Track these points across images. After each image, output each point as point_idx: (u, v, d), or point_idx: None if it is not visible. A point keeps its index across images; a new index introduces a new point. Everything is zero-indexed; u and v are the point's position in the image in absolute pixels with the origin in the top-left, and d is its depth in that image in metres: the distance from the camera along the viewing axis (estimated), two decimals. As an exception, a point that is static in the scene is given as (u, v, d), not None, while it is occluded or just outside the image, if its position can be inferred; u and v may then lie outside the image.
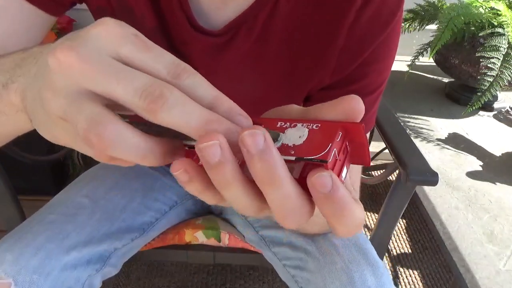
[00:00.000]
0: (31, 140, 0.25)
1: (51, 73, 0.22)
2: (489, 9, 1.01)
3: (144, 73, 0.21)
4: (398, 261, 1.40)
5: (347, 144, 0.23)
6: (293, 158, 0.21)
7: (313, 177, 0.20)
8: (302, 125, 0.23)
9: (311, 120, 0.23)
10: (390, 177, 0.98)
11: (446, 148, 0.97)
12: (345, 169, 0.23)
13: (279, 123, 0.24)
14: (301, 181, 0.22)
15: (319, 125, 0.23)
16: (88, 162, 1.33)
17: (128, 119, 0.22)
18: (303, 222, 0.22)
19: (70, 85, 0.21)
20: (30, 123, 0.27)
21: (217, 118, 0.21)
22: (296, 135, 0.23)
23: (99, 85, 0.21)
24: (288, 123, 0.24)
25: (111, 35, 0.22)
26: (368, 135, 0.58)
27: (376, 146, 1.55)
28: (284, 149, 0.22)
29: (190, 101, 0.21)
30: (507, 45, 0.95)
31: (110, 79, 0.21)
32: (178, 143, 0.23)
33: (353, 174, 0.57)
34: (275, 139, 0.22)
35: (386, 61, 0.52)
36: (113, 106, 0.22)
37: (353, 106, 0.23)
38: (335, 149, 0.21)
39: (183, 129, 0.21)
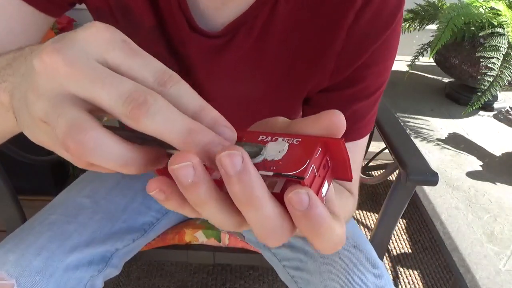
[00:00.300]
0: (31, 140, 0.25)
1: (36, 75, 0.21)
2: (489, 9, 1.01)
3: (129, 79, 0.21)
4: (398, 261, 1.40)
5: (328, 159, 0.23)
6: (271, 173, 0.21)
7: (289, 194, 0.20)
8: (283, 140, 0.23)
9: (292, 134, 0.23)
10: (390, 177, 0.98)
11: (446, 148, 0.97)
12: (326, 185, 0.23)
13: (261, 136, 0.24)
14: (283, 196, 0.21)
15: (300, 140, 0.23)
16: (88, 162, 1.33)
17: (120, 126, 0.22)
18: (285, 240, 0.22)
19: (54, 88, 0.21)
20: (14, 124, 0.27)
21: (200, 128, 0.21)
22: (276, 149, 0.22)
23: (83, 89, 0.21)
24: (269, 137, 0.24)
25: (99, 39, 0.22)
26: (367, 137, 0.58)
27: (376, 146, 1.55)
28: (263, 164, 0.22)
29: (173, 110, 0.21)
30: (507, 45, 0.95)
31: (95, 83, 0.21)
32: (161, 152, 0.23)
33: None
34: (257, 153, 0.22)
35: (386, 63, 0.52)
36: (97, 112, 0.21)
37: (334, 122, 0.22)
38: (313, 165, 0.21)
39: (165, 137, 0.20)
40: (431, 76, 1.35)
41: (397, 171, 0.76)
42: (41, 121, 0.22)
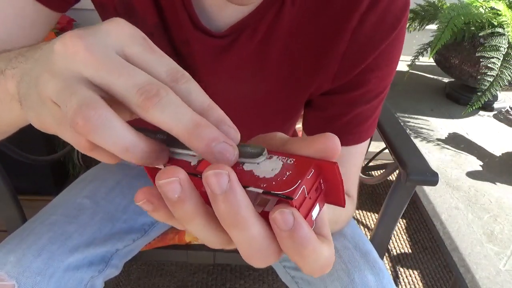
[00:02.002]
0: (31, 140, 0.25)
1: (55, 56, 0.22)
2: (489, 9, 1.01)
3: (144, 73, 0.22)
4: (398, 261, 1.40)
5: (321, 182, 0.23)
6: (260, 191, 0.21)
7: (274, 214, 0.20)
8: (277, 158, 0.23)
9: (288, 153, 0.23)
10: (390, 177, 0.98)
11: (446, 148, 0.97)
12: (316, 208, 0.23)
13: None
14: None
15: (294, 160, 0.22)
16: (88, 162, 1.33)
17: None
18: (272, 261, 0.22)
19: (71, 71, 0.22)
20: (21, 114, 0.27)
21: (207, 124, 0.21)
22: (269, 167, 0.22)
23: (99, 75, 0.22)
24: None
25: (120, 33, 0.23)
26: (368, 140, 0.58)
27: (376, 146, 1.55)
28: (254, 181, 0.22)
29: (183, 104, 0.21)
30: (507, 45, 0.95)
31: (111, 71, 0.22)
32: (164, 149, 0.24)
33: (351, 177, 0.57)
34: (259, 154, 0.22)
35: (389, 67, 0.51)
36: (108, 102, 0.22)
37: (328, 146, 0.22)
38: (304, 186, 0.21)
39: (172, 128, 0.21)
40: (431, 76, 1.35)
41: (397, 171, 0.76)
42: (50, 100, 0.23)
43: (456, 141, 1.00)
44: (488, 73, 0.94)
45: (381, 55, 0.49)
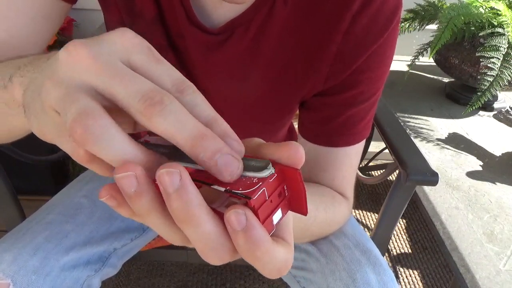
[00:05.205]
0: (31, 140, 0.26)
1: (59, 64, 0.22)
2: (489, 9, 1.01)
3: (149, 80, 0.22)
4: (398, 261, 1.40)
5: (285, 188, 0.23)
6: (223, 189, 0.21)
7: (227, 213, 0.20)
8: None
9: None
10: (390, 177, 0.98)
11: (446, 148, 0.97)
12: (279, 213, 0.23)
13: None
14: None
15: None
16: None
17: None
18: (228, 259, 0.22)
19: (74, 78, 0.22)
20: (26, 121, 0.27)
21: (212, 135, 0.21)
22: None
23: (101, 81, 0.21)
24: None
25: (125, 42, 0.23)
26: (364, 141, 0.57)
27: (376, 146, 1.55)
28: (219, 180, 0.22)
29: (187, 113, 0.21)
30: (507, 45, 0.95)
31: (114, 78, 0.21)
32: (165, 162, 0.23)
33: (347, 178, 0.56)
34: (263, 168, 0.22)
35: (381, 69, 0.51)
36: (112, 111, 0.22)
37: (290, 155, 0.23)
38: (264, 188, 0.21)
39: (176, 137, 0.21)
40: (431, 76, 1.35)
41: (397, 171, 0.76)
42: (51, 108, 0.22)
43: (456, 141, 1.00)
44: (488, 73, 0.94)
45: (373, 56, 0.49)
